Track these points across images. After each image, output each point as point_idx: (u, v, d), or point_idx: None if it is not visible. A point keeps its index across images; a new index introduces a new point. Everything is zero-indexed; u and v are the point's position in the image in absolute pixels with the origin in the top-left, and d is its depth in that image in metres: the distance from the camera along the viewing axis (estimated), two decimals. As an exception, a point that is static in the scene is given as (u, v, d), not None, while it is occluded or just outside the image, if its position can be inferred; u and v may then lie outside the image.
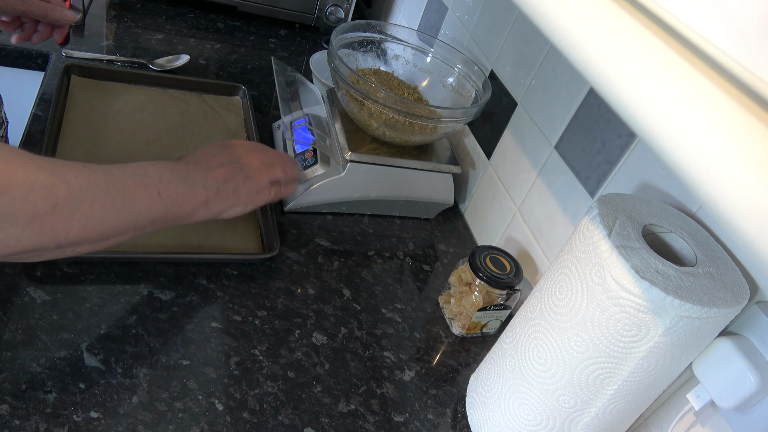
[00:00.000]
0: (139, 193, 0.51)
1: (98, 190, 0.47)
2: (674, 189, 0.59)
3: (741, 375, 0.48)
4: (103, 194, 0.47)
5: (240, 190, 0.63)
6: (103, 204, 0.47)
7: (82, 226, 0.46)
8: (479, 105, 0.81)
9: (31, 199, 0.41)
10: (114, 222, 0.49)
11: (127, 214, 0.50)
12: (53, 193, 0.43)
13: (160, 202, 0.53)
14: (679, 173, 0.25)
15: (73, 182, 0.45)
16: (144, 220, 0.52)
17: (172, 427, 0.54)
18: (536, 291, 0.57)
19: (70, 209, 0.44)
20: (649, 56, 0.27)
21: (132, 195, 0.50)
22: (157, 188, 0.53)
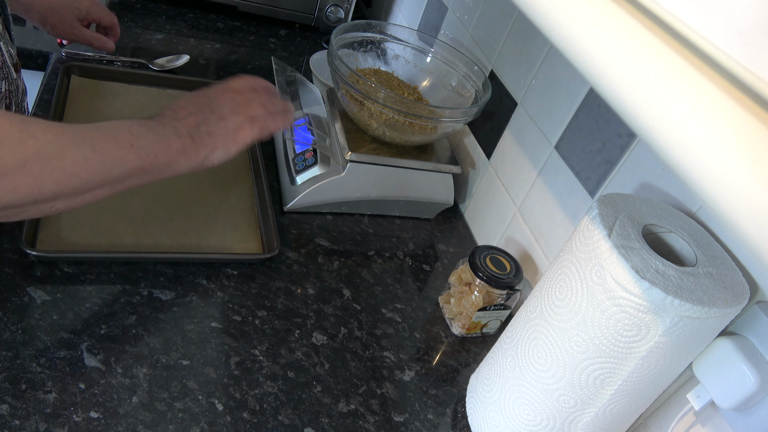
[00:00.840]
0: (110, 145, 0.51)
1: (68, 144, 0.47)
2: (674, 189, 0.59)
3: (741, 375, 0.48)
4: (73, 147, 0.47)
5: (215, 132, 0.61)
6: (74, 157, 0.47)
7: (55, 180, 0.46)
8: (479, 105, 0.81)
9: (1, 153, 0.42)
10: (87, 175, 0.49)
11: (101, 166, 0.50)
12: (22, 148, 0.43)
13: (134, 153, 0.53)
14: (679, 173, 0.25)
15: (41, 137, 0.45)
16: (119, 172, 0.52)
17: (172, 427, 0.54)
18: (536, 291, 0.57)
19: (40, 164, 0.45)
20: (649, 56, 0.27)
21: (103, 147, 0.50)
22: (128, 140, 0.52)
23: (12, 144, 0.43)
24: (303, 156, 0.85)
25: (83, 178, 0.48)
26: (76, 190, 0.49)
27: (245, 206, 0.80)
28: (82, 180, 0.48)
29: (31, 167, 0.44)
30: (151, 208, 0.73)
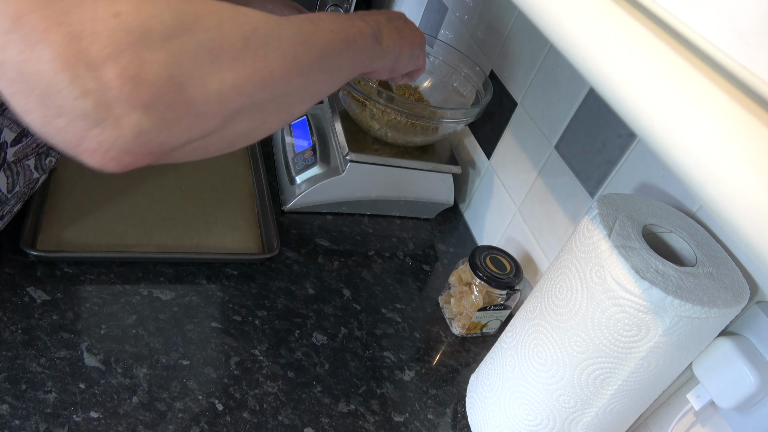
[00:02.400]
0: (312, 29, 0.45)
1: (278, 24, 0.41)
2: (674, 189, 0.59)
3: (741, 375, 0.48)
4: (284, 28, 0.41)
5: (404, 31, 0.59)
6: (290, 39, 0.41)
7: (281, 63, 0.40)
8: (481, 105, 0.81)
9: (224, 30, 0.36)
10: (306, 58, 0.43)
11: (313, 48, 0.44)
12: (240, 25, 0.37)
13: (335, 37, 0.48)
14: (679, 173, 0.25)
15: (253, 16, 0.39)
16: (330, 57, 0.46)
17: (172, 427, 0.54)
18: (536, 291, 0.57)
19: (262, 43, 0.38)
20: (649, 56, 0.27)
21: (307, 31, 0.44)
22: (326, 26, 0.47)
23: (230, 22, 0.36)
24: (302, 156, 0.85)
25: (304, 62, 0.42)
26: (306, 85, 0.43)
27: (245, 206, 0.80)
28: (304, 64, 0.42)
29: (254, 46, 0.37)
30: (151, 208, 0.74)
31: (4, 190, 0.57)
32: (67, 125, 0.31)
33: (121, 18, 0.30)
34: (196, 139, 0.36)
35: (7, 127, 0.54)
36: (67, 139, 0.31)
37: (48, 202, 0.69)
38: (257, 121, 0.40)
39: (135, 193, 0.74)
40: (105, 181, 0.74)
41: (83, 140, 0.31)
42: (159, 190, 0.76)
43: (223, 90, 0.35)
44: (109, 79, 0.30)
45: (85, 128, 0.31)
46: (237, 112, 0.37)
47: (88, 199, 0.71)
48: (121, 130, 0.31)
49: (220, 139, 0.38)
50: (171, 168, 0.80)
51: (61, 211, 0.69)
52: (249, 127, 0.40)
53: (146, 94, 0.31)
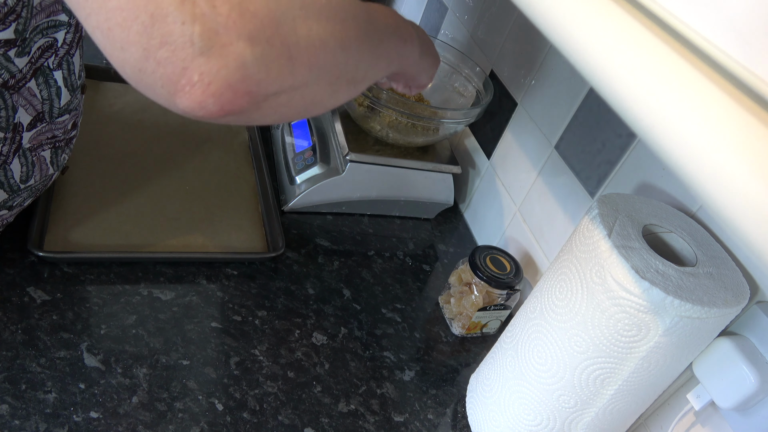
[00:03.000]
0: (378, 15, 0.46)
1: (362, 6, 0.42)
2: (674, 189, 0.59)
3: (741, 375, 0.48)
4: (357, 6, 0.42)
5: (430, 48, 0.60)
6: (362, 16, 0.42)
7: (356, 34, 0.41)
8: (482, 106, 0.81)
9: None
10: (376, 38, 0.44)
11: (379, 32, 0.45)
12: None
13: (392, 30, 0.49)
14: (679, 173, 0.25)
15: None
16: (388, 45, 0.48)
17: (172, 427, 0.54)
18: (536, 291, 0.57)
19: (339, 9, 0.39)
20: (649, 56, 0.27)
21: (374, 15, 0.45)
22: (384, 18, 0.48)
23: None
24: (302, 156, 0.85)
25: (373, 40, 0.44)
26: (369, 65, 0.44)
27: (249, 205, 0.80)
28: (373, 42, 0.44)
29: (335, 10, 0.38)
30: (156, 209, 0.74)
31: (17, 179, 0.57)
32: (171, 55, 0.30)
33: None
34: (286, 90, 0.36)
35: (23, 107, 0.53)
36: (167, 73, 0.31)
37: (54, 202, 0.69)
38: (334, 88, 0.40)
39: (140, 194, 0.74)
40: (110, 182, 0.74)
41: (186, 72, 0.31)
42: (163, 190, 0.76)
43: (311, 38, 0.35)
44: (217, 4, 0.30)
45: (189, 57, 0.30)
46: (320, 69, 0.37)
47: (93, 200, 0.71)
48: (225, 60, 0.31)
49: (301, 97, 0.37)
50: (175, 168, 0.80)
51: (67, 212, 0.69)
52: (325, 94, 0.40)
53: (251, 24, 0.31)
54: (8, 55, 0.50)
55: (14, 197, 0.58)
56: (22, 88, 0.53)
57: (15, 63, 0.51)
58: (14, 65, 0.51)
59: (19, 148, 0.55)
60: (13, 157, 0.55)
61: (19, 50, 0.51)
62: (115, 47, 0.31)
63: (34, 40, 0.52)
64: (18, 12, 0.49)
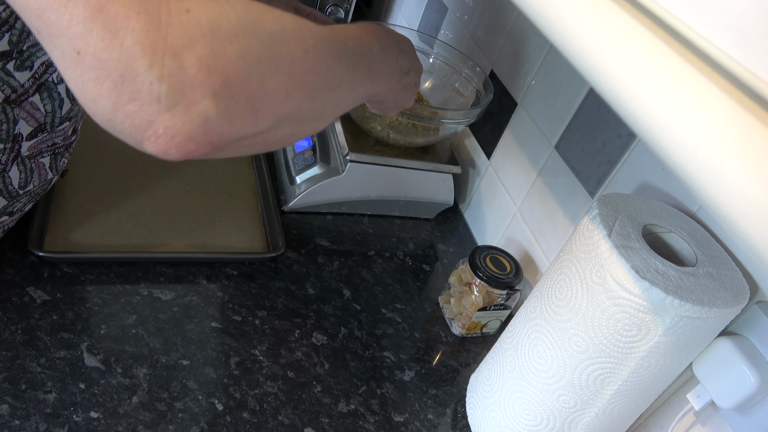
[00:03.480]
0: (359, 62, 0.47)
1: (337, 48, 0.43)
2: (674, 189, 0.59)
3: (741, 375, 0.48)
4: (340, 53, 0.44)
5: (407, 91, 0.60)
6: (341, 63, 0.44)
7: (328, 84, 0.42)
8: (482, 106, 0.81)
9: (285, 40, 0.38)
10: (347, 89, 0.45)
11: (352, 82, 0.46)
12: (302, 38, 0.39)
13: (369, 78, 0.50)
14: (679, 173, 0.25)
15: (315, 32, 0.41)
16: (357, 95, 0.49)
17: (172, 427, 0.54)
18: (536, 291, 0.57)
19: (318, 61, 0.40)
20: (649, 56, 0.27)
21: (356, 63, 0.47)
22: (369, 63, 0.49)
23: (293, 32, 0.38)
24: (302, 156, 0.85)
25: (343, 92, 0.45)
26: (335, 108, 0.45)
27: (249, 205, 0.80)
28: (342, 94, 0.45)
29: (311, 61, 0.40)
30: (156, 209, 0.74)
31: (15, 185, 0.57)
32: (139, 110, 0.32)
33: (192, 13, 0.32)
34: (248, 136, 0.37)
35: (24, 119, 0.54)
36: (135, 124, 0.33)
37: (54, 203, 0.69)
38: (295, 129, 0.42)
39: (140, 194, 0.74)
40: (110, 182, 0.74)
41: (152, 125, 0.33)
42: (163, 190, 0.76)
43: (278, 92, 0.37)
44: (185, 66, 0.32)
45: (155, 113, 0.32)
46: (285, 117, 0.39)
47: (93, 200, 0.71)
48: (190, 116, 0.33)
49: (263, 140, 0.39)
50: (175, 168, 0.80)
51: (67, 212, 0.69)
52: (288, 134, 0.42)
53: (217, 83, 0.33)
54: (7, 69, 0.51)
55: (14, 203, 0.58)
56: (24, 102, 0.53)
57: (16, 77, 0.52)
58: (15, 80, 0.52)
59: (17, 156, 0.55)
60: (12, 165, 0.55)
61: (18, 63, 0.51)
62: (87, 99, 0.33)
63: (36, 55, 0.52)
64: (11, 23, 0.49)
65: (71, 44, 0.31)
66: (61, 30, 0.31)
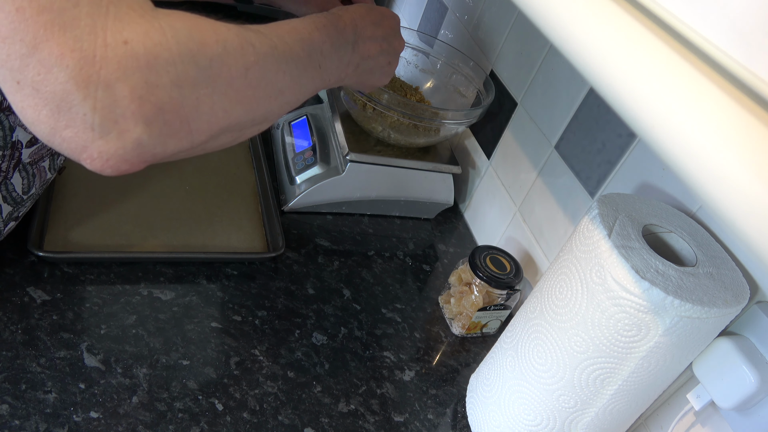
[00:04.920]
0: (308, 64, 0.48)
1: (281, 58, 0.45)
2: (674, 189, 0.59)
3: (741, 375, 0.48)
4: (284, 63, 0.45)
5: (373, 73, 0.61)
6: (284, 74, 0.45)
7: (268, 95, 0.44)
8: (483, 106, 0.81)
9: (226, 61, 0.39)
10: (290, 94, 0.47)
11: (299, 86, 0.48)
12: (244, 56, 0.41)
13: (320, 76, 0.51)
14: (679, 173, 0.25)
15: (258, 47, 0.42)
16: (306, 94, 0.50)
17: (172, 427, 0.54)
18: (536, 291, 0.57)
19: (259, 76, 0.42)
20: (649, 56, 0.27)
21: (302, 66, 0.48)
22: (318, 61, 0.50)
23: (235, 51, 0.40)
24: (302, 156, 0.85)
25: (286, 97, 0.46)
26: (279, 110, 0.47)
27: (249, 205, 0.80)
28: (286, 99, 0.46)
29: (251, 78, 0.41)
30: (156, 209, 0.74)
31: (19, 191, 0.57)
32: (74, 136, 0.34)
33: (129, 45, 0.34)
34: (185, 150, 0.40)
35: (21, 126, 0.54)
36: (71, 147, 0.35)
37: (54, 203, 0.69)
38: (236, 136, 0.44)
39: (139, 194, 0.74)
40: (110, 182, 0.74)
41: (86, 149, 0.35)
42: (163, 190, 0.76)
43: (214, 111, 0.39)
44: (118, 98, 0.34)
45: (90, 139, 0.35)
46: (222, 131, 0.41)
47: (93, 200, 0.71)
48: (123, 142, 0.35)
49: (203, 149, 0.42)
50: (175, 168, 0.80)
51: (66, 212, 0.69)
52: (229, 141, 0.44)
53: (150, 111, 0.35)
54: None
55: (19, 208, 0.59)
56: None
57: None
58: None
59: (18, 163, 0.56)
60: (13, 172, 0.56)
61: None
62: (27, 122, 0.35)
63: None
64: None
65: (11, 75, 0.33)
66: (1, 62, 0.33)
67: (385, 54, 0.62)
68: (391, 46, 0.63)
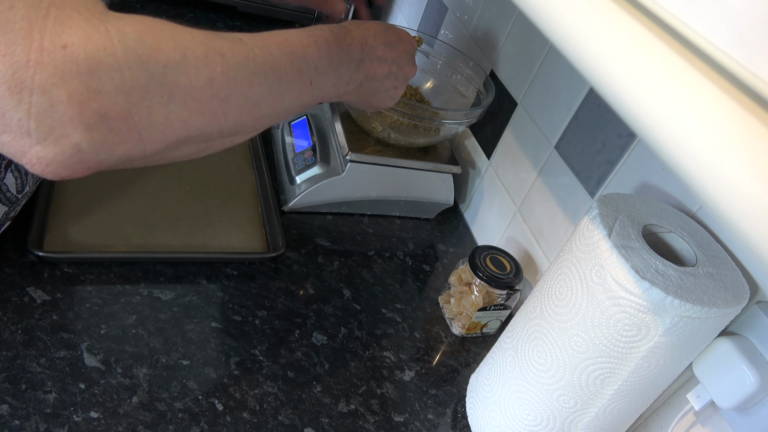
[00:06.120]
0: (294, 79, 0.46)
1: (257, 71, 0.42)
2: (674, 189, 0.59)
3: (741, 375, 0.48)
4: (261, 76, 0.43)
5: (377, 95, 0.59)
6: (261, 86, 0.43)
7: (239, 108, 0.42)
8: (483, 106, 0.81)
9: (185, 69, 0.37)
10: (269, 108, 0.44)
11: (281, 101, 0.45)
12: (208, 65, 0.39)
13: (309, 92, 0.49)
14: (679, 173, 0.25)
15: (230, 57, 0.40)
16: (291, 109, 0.48)
17: (172, 427, 0.54)
18: (536, 291, 0.57)
19: (227, 87, 0.40)
20: (650, 56, 0.27)
21: (288, 81, 0.46)
22: (310, 77, 0.48)
23: (196, 60, 0.38)
24: (302, 156, 0.85)
25: (263, 111, 0.44)
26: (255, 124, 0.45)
27: (249, 205, 0.80)
28: (262, 113, 0.44)
29: (217, 89, 0.39)
30: (156, 209, 0.74)
31: (13, 191, 0.57)
32: (12, 141, 0.34)
33: (68, 50, 0.33)
34: (139, 158, 0.38)
35: None
36: (11, 152, 0.35)
37: (53, 202, 0.69)
38: (200, 147, 0.42)
39: (139, 194, 0.74)
40: (109, 182, 0.74)
41: (25, 155, 0.35)
42: (163, 190, 0.76)
43: (169, 121, 0.38)
44: (54, 102, 0.33)
45: (27, 145, 0.34)
46: (181, 141, 0.40)
47: (92, 200, 0.71)
48: (61, 148, 0.35)
49: (160, 158, 0.40)
50: (174, 168, 0.80)
51: (66, 212, 0.69)
52: (191, 152, 0.42)
53: (90, 118, 0.34)
54: None
55: (14, 207, 0.59)
56: None
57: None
58: None
59: (10, 163, 0.55)
60: (5, 172, 0.55)
61: None
62: None
63: None
64: None
65: None
66: None
67: (392, 78, 0.60)
68: (401, 71, 0.61)
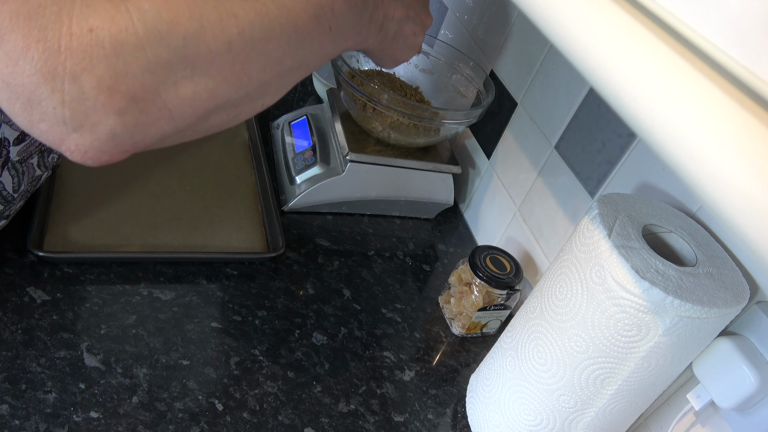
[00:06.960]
0: (313, 27, 0.44)
1: (272, 25, 0.41)
2: (674, 189, 0.59)
3: (741, 375, 0.48)
4: (278, 29, 0.41)
5: (398, 42, 0.57)
6: (279, 41, 0.41)
7: (261, 67, 0.41)
8: (483, 106, 0.81)
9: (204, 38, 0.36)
10: (291, 62, 0.43)
11: (302, 52, 0.44)
12: (224, 29, 0.37)
13: (330, 38, 0.47)
14: (679, 173, 0.25)
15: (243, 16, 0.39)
16: (314, 60, 0.46)
17: (172, 427, 0.54)
18: (536, 291, 0.57)
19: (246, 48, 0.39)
20: (649, 56, 0.27)
21: (307, 30, 0.43)
22: (328, 22, 0.46)
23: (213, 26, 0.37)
24: (302, 156, 0.85)
25: (285, 66, 0.43)
26: (280, 82, 0.43)
27: (249, 205, 0.80)
28: (285, 68, 0.43)
29: (237, 51, 0.38)
30: (156, 209, 0.74)
31: (9, 190, 0.57)
32: (49, 129, 0.34)
33: (94, 33, 0.32)
34: (171, 135, 0.38)
35: (7, 123, 0.54)
36: (50, 140, 0.35)
37: (53, 202, 0.69)
38: (231, 114, 0.42)
39: (139, 194, 0.74)
40: (109, 182, 0.74)
41: (63, 142, 0.35)
42: (163, 189, 0.76)
43: (197, 94, 0.37)
44: (85, 89, 0.33)
45: (64, 132, 0.34)
46: (211, 111, 0.39)
47: (93, 200, 0.71)
48: (97, 135, 0.35)
49: (194, 132, 0.40)
50: (174, 167, 0.80)
51: (66, 212, 0.69)
52: (223, 121, 0.42)
53: (120, 102, 0.34)
54: None
55: (10, 207, 0.58)
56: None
57: None
58: None
59: (7, 162, 0.55)
60: (2, 171, 0.55)
61: None
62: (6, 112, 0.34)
63: None
64: None
65: None
66: None
67: (410, 22, 0.58)
68: (419, 17, 0.59)
